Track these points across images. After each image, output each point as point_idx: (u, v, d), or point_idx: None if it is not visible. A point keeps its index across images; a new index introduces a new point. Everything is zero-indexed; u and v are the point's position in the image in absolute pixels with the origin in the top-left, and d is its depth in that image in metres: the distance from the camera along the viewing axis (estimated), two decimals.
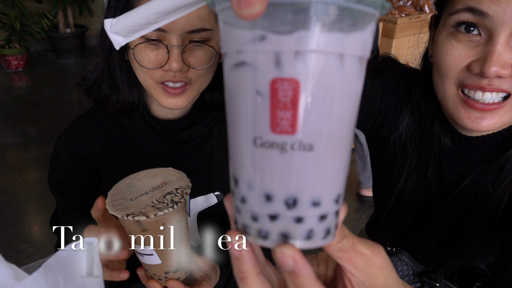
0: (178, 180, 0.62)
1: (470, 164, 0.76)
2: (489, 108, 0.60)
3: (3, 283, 0.39)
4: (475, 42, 0.60)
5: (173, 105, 0.80)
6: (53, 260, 0.42)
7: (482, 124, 0.62)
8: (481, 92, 0.60)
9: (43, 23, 4.21)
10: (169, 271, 0.64)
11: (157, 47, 0.75)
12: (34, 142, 3.02)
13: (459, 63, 0.61)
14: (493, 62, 0.57)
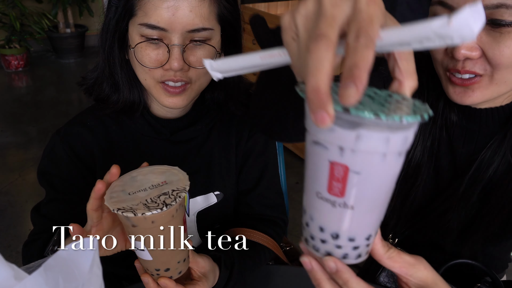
0: (178, 181, 0.62)
1: (481, 139, 0.80)
2: (467, 83, 0.69)
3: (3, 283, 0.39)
4: None
5: (173, 104, 0.80)
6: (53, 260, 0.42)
7: (466, 98, 0.70)
8: (459, 73, 0.69)
9: (43, 23, 4.21)
10: (159, 269, 0.64)
11: (157, 46, 0.75)
12: (34, 142, 3.02)
13: (439, 49, 0.70)
14: (462, 47, 0.65)
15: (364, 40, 0.31)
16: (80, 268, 0.44)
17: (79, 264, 0.44)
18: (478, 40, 0.65)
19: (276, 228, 0.98)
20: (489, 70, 0.67)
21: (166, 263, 0.64)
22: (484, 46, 0.65)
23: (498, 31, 0.64)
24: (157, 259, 0.62)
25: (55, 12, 4.29)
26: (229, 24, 0.82)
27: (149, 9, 0.73)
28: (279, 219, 1.00)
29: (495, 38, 0.64)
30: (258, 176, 0.98)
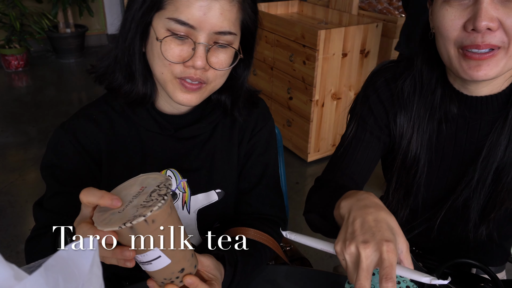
0: (155, 179, 0.61)
1: (484, 126, 0.84)
2: (484, 57, 0.71)
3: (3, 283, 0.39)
4: (465, 4, 0.71)
5: (186, 101, 0.81)
6: (53, 260, 0.42)
7: (481, 72, 0.72)
8: (477, 49, 0.71)
9: (43, 23, 4.21)
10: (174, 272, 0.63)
11: (182, 42, 0.76)
12: (34, 142, 3.02)
13: (456, 24, 0.72)
14: (482, 17, 0.68)
15: (390, 283, 0.54)
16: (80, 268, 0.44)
17: (79, 264, 0.44)
18: (496, 12, 0.68)
19: (276, 228, 0.98)
20: (506, 42, 0.70)
21: (181, 263, 0.63)
22: (501, 17, 0.69)
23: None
24: (174, 257, 0.61)
25: (55, 12, 4.29)
26: (249, 32, 0.84)
27: (181, 5, 0.74)
28: (279, 218, 1.00)
29: (511, 8, 0.68)
30: (259, 175, 0.98)
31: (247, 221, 0.96)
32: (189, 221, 0.94)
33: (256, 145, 0.98)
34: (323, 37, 2.44)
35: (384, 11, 2.99)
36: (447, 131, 0.86)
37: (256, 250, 0.89)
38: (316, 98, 2.63)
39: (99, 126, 0.88)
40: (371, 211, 0.63)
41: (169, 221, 0.59)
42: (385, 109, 0.90)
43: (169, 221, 0.59)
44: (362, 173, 0.91)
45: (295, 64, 2.67)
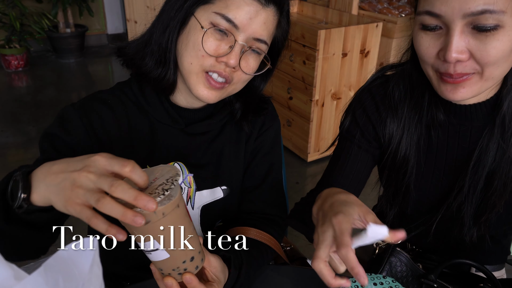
0: (167, 172, 0.61)
1: (474, 132, 0.85)
2: (458, 80, 0.73)
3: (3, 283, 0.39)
4: (439, 34, 0.72)
5: (206, 97, 0.83)
6: (53, 260, 0.42)
7: (458, 94, 0.74)
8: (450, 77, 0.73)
9: (43, 23, 4.21)
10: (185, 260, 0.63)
11: (222, 38, 0.79)
12: (34, 142, 3.01)
13: (430, 53, 0.74)
14: (452, 51, 0.69)
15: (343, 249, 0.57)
16: (80, 268, 0.44)
17: (79, 264, 0.44)
18: (466, 44, 0.69)
19: (277, 228, 0.98)
20: (478, 69, 0.71)
21: (186, 253, 0.62)
22: (472, 48, 0.69)
23: (483, 34, 0.68)
24: (175, 252, 0.61)
25: (55, 12, 4.29)
26: (277, 49, 0.89)
27: (231, 4, 0.78)
28: (280, 218, 1.01)
29: (481, 40, 0.68)
30: (263, 174, 0.99)
31: (249, 221, 0.96)
32: (193, 217, 0.94)
33: (263, 144, 1.00)
34: (323, 37, 2.44)
35: (384, 11, 2.99)
36: (439, 138, 0.87)
37: (259, 252, 0.89)
38: (316, 98, 2.63)
39: (112, 110, 0.89)
40: (329, 201, 0.66)
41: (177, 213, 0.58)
42: (372, 123, 0.91)
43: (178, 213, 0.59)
44: (352, 186, 0.92)
45: (295, 64, 2.67)
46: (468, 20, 0.67)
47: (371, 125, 0.91)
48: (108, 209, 0.51)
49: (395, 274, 0.86)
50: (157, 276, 0.66)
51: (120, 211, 0.51)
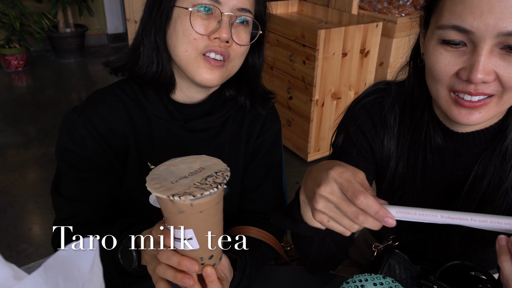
0: (214, 165, 0.62)
1: (470, 157, 0.82)
2: (476, 105, 0.69)
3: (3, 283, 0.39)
4: (462, 51, 0.67)
5: (211, 79, 0.83)
6: (53, 260, 0.42)
7: (472, 119, 0.70)
8: (469, 96, 0.68)
9: (43, 23, 4.21)
10: (203, 257, 0.64)
11: (208, 16, 0.81)
12: (34, 142, 3.02)
13: (449, 70, 0.69)
14: (479, 71, 0.64)
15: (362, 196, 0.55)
16: (80, 268, 0.44)
17: (79, 264, 0.44)
18: (493, 64, 0.65)
19: (277, 228, 0.98)
20: (500, 91, 0.68)
21: (210, 250, 0.63)
22: (498, 70, 0.66)
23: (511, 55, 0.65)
24: (204, 245, 0.62)
25: (55, 11, 4.29)
26: (261, 21, 0.89)
27: None
28: None
29: (509, 62, 0.65)
30: (263, 174, 0.99)
31: (249, 220, 0.96)
32: None
33: (263, 144, 0.99)
34: (323, 36, 2.44)
35: (384, 10, 2.99)
36: (434, 160, 0.85)
37: (260, 252, 0.89)
38: (316, 97, 2.63)
39: (113, 110, 0.89)
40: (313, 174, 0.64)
41: (213, 209, 0.60)
42: (368, 141, 0.89)
43: (214, 210, 0.60)
44: None
45: (295, 64, 2.67)
46: (499, 40, 0.63)
47: (367, 143, 0.89)
48: (161, 273, 0.63)
49: (394, 276, 0.86)
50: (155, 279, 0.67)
51: (171, 274, 0.62)
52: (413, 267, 0.87)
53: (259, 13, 0.89)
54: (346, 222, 0.58)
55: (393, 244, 0.91)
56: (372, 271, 0.87)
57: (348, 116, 0.93)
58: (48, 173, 2.65)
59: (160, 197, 0.57)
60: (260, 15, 0.89)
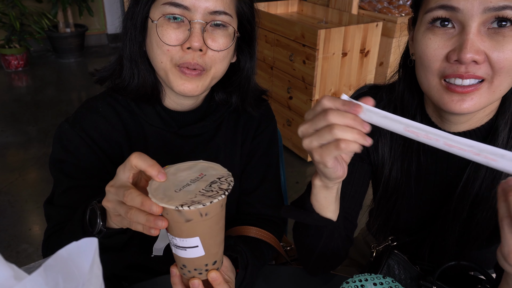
0: (215, 170, 0.61)
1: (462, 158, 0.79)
2: (467, 90, 0.68)
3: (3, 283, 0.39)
4: (450, 34, 0.68)
5: (188, 90, 0.81)
6: (53, 260, 0.42)
7: (464, 106, 0.69)
8: (460, 79, 0.68)
9: (43, 23, 4.21)
10: (208, 263, 0.63)
11: (178, 25, 0.78)
12: (34, 142, 3.02)
13: (439, 54, 0.69)
14: (468, 49, 0.64)
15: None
16: (80, 268, 0.44)
17: (79, 264, 0.44)
18: (482, 44, 0.65)
19: (276, 228, 0.98)
20: (490, 75, 0.67)
21: (214, 255, 0.63)
22: (488, 50, 0.65)
23: (501, 34, 0.65)
24: (209, 252, 0.61)
25: (55, 11, 4.29)
26: (246, 19, 0.86)
27: None
28: (279, 219, 1.00)
29: (498, 41, 0.65)
30: (261, 176, 0.98)
31: (248, 221, 0.96)
32: None
33: (259, 145, 0.98)
34: (323, 36, 2.44)
35: (384, 10, 2.99)
36: (428, 162, 0.85)
37: (261, 251, 0.89)
38: (316, 97, 2.63)
39: (105, 118, 0.88)
40: None
41: (218, 216, 0.59)
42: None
43: (219, 216, 0.59)
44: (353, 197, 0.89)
45: (295, 64, 2.67)
46: (486, 17, 0.64)
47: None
48: (135, 216, 0.58)
49: (394, 276, 0.86)
50: (174, 281, 0.67)
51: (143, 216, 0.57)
52: (412, 268, 0.87)
53: (242, 11, 0.85)
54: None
55: (392, 245, 0.91)
56: (372, 271, 0.87)
57: None
58: (48, 173, 2.64)
59: (166, 208, 0.56)
60: (244, 14, 0.85)
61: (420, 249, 0.92)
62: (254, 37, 0.90)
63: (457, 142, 0.56)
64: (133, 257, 0.95)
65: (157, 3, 0.79)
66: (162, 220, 0.56)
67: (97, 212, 0.68)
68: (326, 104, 0.60)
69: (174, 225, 0.58)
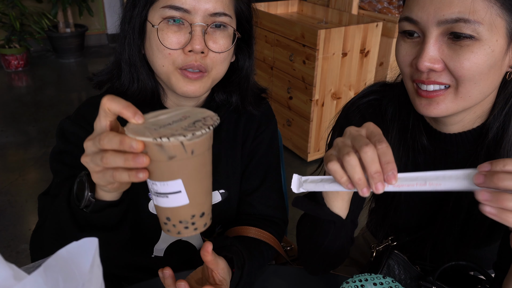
0: (199, 112, 0.56)
1: (460, 158, 0.82)
2: (432, 95, 0.71)
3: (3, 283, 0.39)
4: (416, 42, 0.72)
5: (191, 91, 0.81)
6: (52, 260, 0.42)
7: (431, 110, 0.72)
8: (424, 84, 0.71)
9: (43, 23, 4.21)
10: (195, 215, 0.56)
11: (179, 29, 0.78)
12: (34, 142, 3.02)
13: (406, 60, 0.73)
14: (423, 59, 0.68)
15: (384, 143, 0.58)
16: (80, 268, 0.44)
17: (79, 264, 0.44)
18: (440, 53, 0.68)
19: (277, 228, 0.98)
20: (454, 82, 0.69)
21: (201, 205, 0.56)
22: (445, 58, 0.68)
23: (458, 44, 0.67)
24: (194, 200, 0.55)
25: (55, 11, 4.29)
26: (245, 18, 0.86)
27: None
28: (280, 220, 1.00)
29: (455, 50, 0.67)
30: (262, 176, 0.98)
31: (248, 221, 0.96)
32: None
33: (260, 146, 0.98)
34: (323, 36, 2.44)
35: (384, 10, 2.99)
36: (425, 161, 0.85)
37: (260, 251, 0.89)
38: (316, 97, 2.63)
39: None
40: None
41: (204, 157, 0.54)
42: None
43: (205, 158, 0.54)
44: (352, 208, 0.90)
45: (295, 64, 2.67)
46: (443, 29, 0.67)
47: None
48: (112, 160, 0.52)
49: (394, 276, 0.86)
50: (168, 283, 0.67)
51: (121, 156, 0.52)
52: (412, 268, 0.87)
53: (240, 11, 0.85)
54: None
55: (392, 245, 0.91)
56: (372, 271, 0.87)
57: (342, 116, 0.93)
58: (48, 173, 2.64)
59: (146, 144, 0.50)
60: (243, 13, 0.85)
61: (421, 248, 0.92)
62: (253, 36, 0.90)
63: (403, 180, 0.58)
64: (133, 257, 0.95)
65: (156, 6, 0.78)
66: (143, 157, 0.51)
67: (85, 183, 0.63)
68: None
69: (155, 165, 0.52)
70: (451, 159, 0.83)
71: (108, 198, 0.64)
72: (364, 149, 0.57)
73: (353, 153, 0.58)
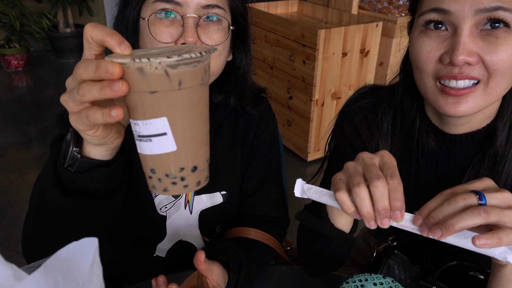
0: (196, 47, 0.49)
1: (463, 160, 0.82)
2: (462, 93, 0.68)
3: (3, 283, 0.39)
4: (443, 36, 0.68)
5: None
6: (53, 260, 0.42)
7: (460, 109, 0.69)
8: (454, 80, 0.68)
9: (43, 23, 4.21)
10: (184, 167, 0.47)
11: (171, 23, 0.76)
12: (34, 142, 3.02)
13: (432, 57, 0.69)
14: (460, 51, 0.64)
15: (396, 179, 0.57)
16: (80, 268, 0.44)
17: (79, 264, 0.44)
18: (475, 46, 0.65)
19: (278, 229, 0.98)
20: (486, 76, 0.67)
21: (193, 157, 0.47)
22: (481, 51, 0.66)
23: (494, 36, 0.65)
24: (184, 148, 0.46)
25: (55, 11, 4.29)
26: (240, 14, 0.84)
27: None
28: (281, 220, 1.00)
29: (491, 43, 0.65)
30: (262, 177, 0.98)
31: (249, 222, 0.96)
32: (191, 221, 0.94)
33: (260, 146, 0.97)
34: (323, 36, 2.44)
35: (384, 10, 2.99)
36: (429, 164, 0.85)
37: (259, 253, 0.89)
38: (316, 97, 2.63)
39: None
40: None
41: (196, 93, 0.45)
42: (363, 142, 0.88)
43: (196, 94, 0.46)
44: None
45: (295, 64, 2.67)
46: (479, 18, 0.64)
47: (362, 144, 0.88)
48: (87, 90, 0.47)
49: (394, 277, 0.86)
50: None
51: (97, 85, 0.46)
52: (412, 268, 0.87)
53: (235, 5, 0.83)
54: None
55: (392, 245, 0.91)
56: (372, 271, 0.87)
57: (342, 117, 0.93)
58: None
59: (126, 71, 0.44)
60: (237, 8, 0.84)
61: (422, 248, 0.92)
62: (248, 33, 0.88)
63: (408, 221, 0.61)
64: (133, 257, 0.95)
65: (148, 2, 0.78)
66: (119, 82, 0.44)
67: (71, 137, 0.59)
68: None
69: (137, 99, 0.45)
70: (453, 160, 0.83)
71: (96, 155, 0.59)
72: (375, 183, 0.56)
73: (364, 185, 0.57)
